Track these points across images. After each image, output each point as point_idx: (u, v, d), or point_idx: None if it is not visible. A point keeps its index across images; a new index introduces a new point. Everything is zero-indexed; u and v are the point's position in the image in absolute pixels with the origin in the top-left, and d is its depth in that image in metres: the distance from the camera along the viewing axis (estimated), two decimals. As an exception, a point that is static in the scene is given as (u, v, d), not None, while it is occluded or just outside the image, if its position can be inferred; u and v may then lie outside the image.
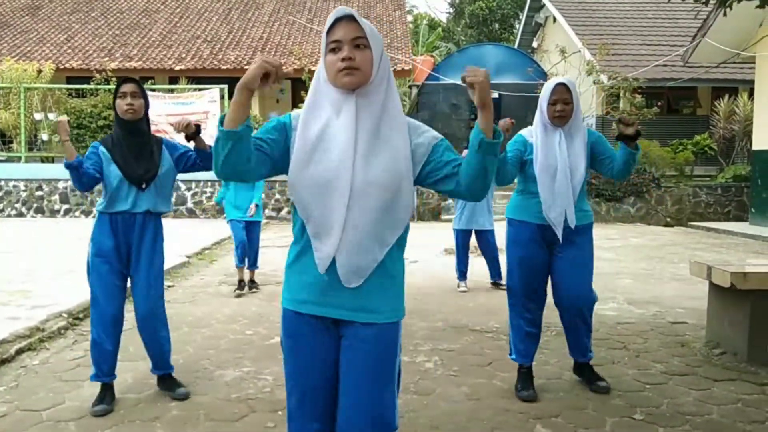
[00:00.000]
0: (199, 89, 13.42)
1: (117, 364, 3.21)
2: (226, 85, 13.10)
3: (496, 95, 16.55)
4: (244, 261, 5.95)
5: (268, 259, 7.16)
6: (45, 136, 13.63)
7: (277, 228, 11.49)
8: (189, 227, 10.62)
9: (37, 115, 13.56)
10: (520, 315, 3.35)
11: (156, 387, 3.35)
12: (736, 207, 13.08)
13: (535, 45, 22.95)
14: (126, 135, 3.13)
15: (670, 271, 7.23)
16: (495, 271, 6.17)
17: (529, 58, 18.40)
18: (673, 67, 15.10)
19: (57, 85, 14.38)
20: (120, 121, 3.13)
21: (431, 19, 34.01)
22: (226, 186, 6.00)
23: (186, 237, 8.98)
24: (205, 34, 18.69)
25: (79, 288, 5.47)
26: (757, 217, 11.76)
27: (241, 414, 3.07)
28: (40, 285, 5.69)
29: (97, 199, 12.60)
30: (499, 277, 6.11)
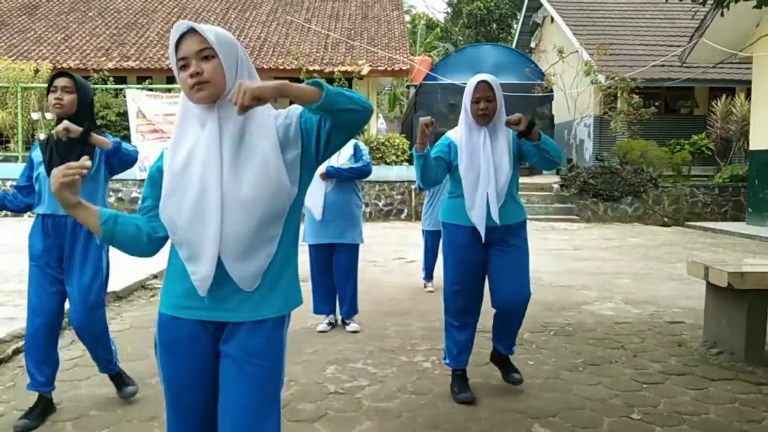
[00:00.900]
0: (197, 89, 13.39)
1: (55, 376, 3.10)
2: (223, 85, 13.07)
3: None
4: None
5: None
6: (42, 136, 13.58)
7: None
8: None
9: (34, 115, 13.54)
10: (456, 318, 3.30)
11: (153, 387, 3.34)
12: (733, 207, 13.11)
13: (533, 45, 23.01)
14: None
15: (668, 270, 7.24)
16: None
17: (527, 58, 18.41)
18: (671, 67, 15.14)
19: (54, 85, 14.35)
20: (56, 119, 2.95)
21: (429, 19, 34.07)
22: None
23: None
24: (203, 33, 18.67)
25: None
26: (754, 217, 11.79)
27: (238, 414, 3.06)
28: (37, 285, 5.67)
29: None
30: None
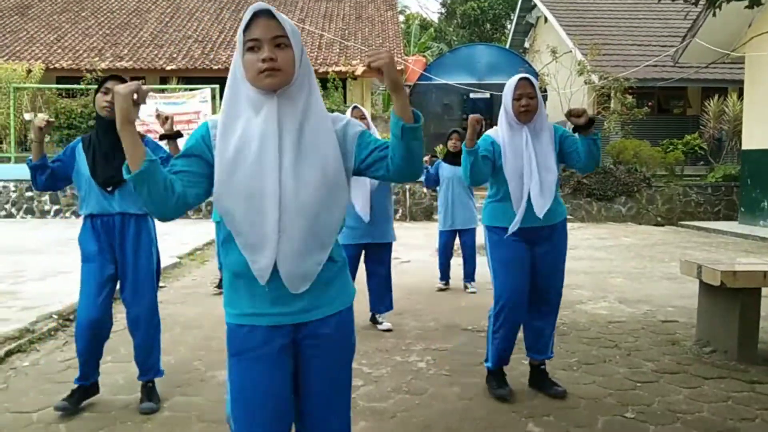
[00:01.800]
0: (191, 89, 13.36)
1: (93, 370, 3.14)
2: (217, 85, 13.06)
3: (487, 95, 16.60)
4: None
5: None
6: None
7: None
8: (180, 227, 10.57)
9: (27, 116, 13.47)
10: (507, 319, 3.24)
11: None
12: (725, 206, 13.16)
13: (526, 45, 23.04)
14: (102, 133, 3.01)
15: (661, 270, 7.27)
16: (469, 272, 6.16)
17: (521, 58, 18.45)
18: (664, 67, 15.20)
19: (47, 85, 14.29)
20: (98, 118, 3.02)
21: (423, 19, 34.05)
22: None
23: (177, 237, 8.94)
24: (197, 33, 18.64)
25: (69, 289, 5.44)
26: (746, 217, 11.85)
27: (233, 415, 3.06)
28: (29, 286, 5.65)
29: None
30: (471, 279, 6.11)
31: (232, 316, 1.70)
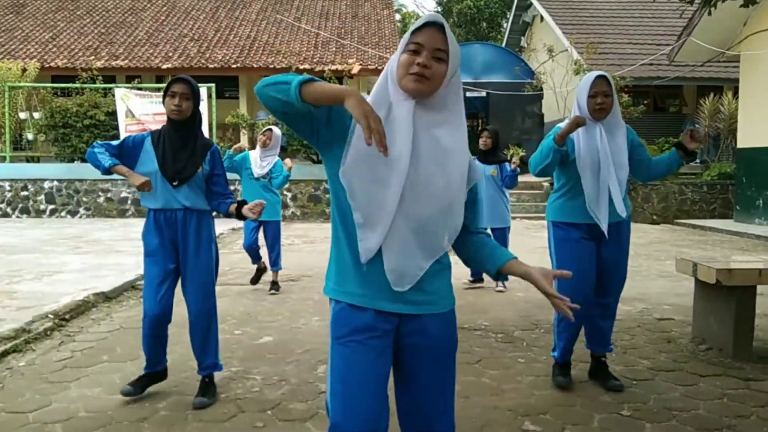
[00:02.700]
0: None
1: (162, 357, 3.31)
2: (213, 84, 13.05)
3: (483, 94, 16.59)
4: (258, 262, 6.04)
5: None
6: (30, 136, 13.50)
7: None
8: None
9: (22, 114, 13.44)
10: (575, 318, 3.31)
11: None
12: (721, 204, 13.21)
13: (523, 44, 23.06)
14: (171, 131, 3.15)
15: (657, 268, 7.30)
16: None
17: (517, 57, 18.46)
18: (659, 65, 15.24)
19: (42, 84, 14.23)
20: (168, 119, 3.16)
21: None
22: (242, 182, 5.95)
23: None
24: (192, 32, 18.59)
25: (66, 289, 5.43)
26: (741, 215, 11.89)
27: (229, 414, 3.06)
28: (26, 286, 5.64)
29: (83, 199, 12.50)
30: (504, 278, 5.99)
31: (340, 294, 1.71)
